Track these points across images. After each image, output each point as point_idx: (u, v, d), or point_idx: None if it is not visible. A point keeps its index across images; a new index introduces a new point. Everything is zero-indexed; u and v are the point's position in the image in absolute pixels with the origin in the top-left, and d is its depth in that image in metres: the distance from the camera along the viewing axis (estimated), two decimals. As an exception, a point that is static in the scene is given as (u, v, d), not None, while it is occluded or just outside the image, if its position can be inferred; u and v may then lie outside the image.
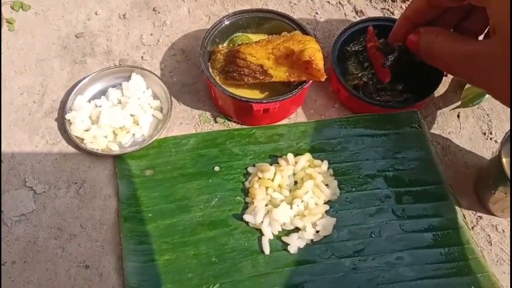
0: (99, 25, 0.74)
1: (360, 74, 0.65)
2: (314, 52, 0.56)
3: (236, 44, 0.65)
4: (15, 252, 0.56)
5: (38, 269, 0.55)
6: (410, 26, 0.54)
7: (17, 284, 0.54)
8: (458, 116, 0.68)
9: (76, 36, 0.73)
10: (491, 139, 0.66)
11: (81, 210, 0.59)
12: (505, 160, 0.55)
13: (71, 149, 0.63)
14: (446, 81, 0.71)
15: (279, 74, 0.59)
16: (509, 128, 0.57)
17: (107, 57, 0.71)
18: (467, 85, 0.68)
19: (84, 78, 0.66)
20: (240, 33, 0.68)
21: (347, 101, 0.67)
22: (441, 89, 0.70)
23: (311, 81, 0.60)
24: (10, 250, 0.56)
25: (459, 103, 0.67)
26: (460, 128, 0.67)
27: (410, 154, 0.63)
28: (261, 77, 0.60)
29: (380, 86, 0.64)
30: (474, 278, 0.54)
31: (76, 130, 0.62)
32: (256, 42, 0.62)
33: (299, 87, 0.60)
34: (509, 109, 0.69)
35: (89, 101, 0.65)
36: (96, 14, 0.75)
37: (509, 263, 0.57)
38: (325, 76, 0.57)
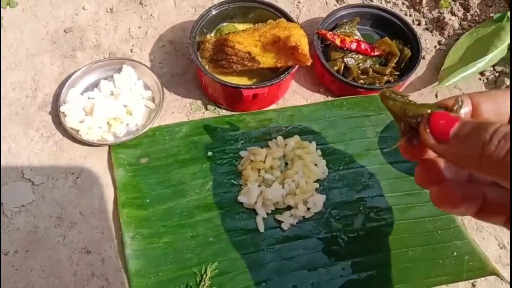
0: (87, 19, 0.76)
1: (342, 59, 0.68)
2: (300, 38, 0.58)
3: (224, 34, 0.67)
4: (17, 241, 0.57)
5: (40, 257, 0.57)
6: None
7: (21, 272, 0.56)
8: (436, 96, 0.72)
9: (64, 31, 0.74)
10: (467, 116, 0.70)
11: (80, 199, 0.60)
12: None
13: (66, 141, 0.64)
14: (424, 63, 0.75)
15: (267, 60, 0.62)
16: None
17: (97, 51, 0.73)
18: (444, 66, 0.72)
19: (75, 72, 0.68)
20: (227, 23, 0.70)
21: (332, 85, 0.70)
22: (419, 71, 0.74)
23: (297, 66, 0.62)
24: (12, 240, 0.57)
25: (436, 83, 0.71)
26: (439, 107, 0.71)
27: (393, 133, 0.66)
28: (249, 64, 0.62)
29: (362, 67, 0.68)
30: (456, 245, 0.58)
31: (71, 122, 0.63)
32: (243, 30, 0.64)
33: (286, 72, 0.62)
34: (484, 86, 0.73)
35: (82, 93, 0.67)
36: (83, 8, 0.76)
37: (489, 231, 0.61)
38: (311, 60, 0.60)
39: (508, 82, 0.72)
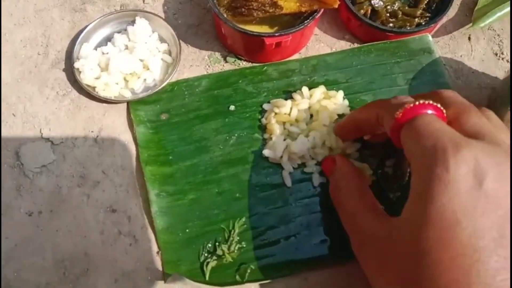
0: (94, -30, 0.71)
1: (369, 1, 0.64)
2: (326, -23, 0.54)
3: (242, -22, 0.62)
4: (40, 202, 0.57)
5: (65, 217, 0.56)
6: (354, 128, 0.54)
7: (47, 232, 0.55)
8: (469, 38, 0.68)
9: (72, -17, 0.70)
10: (502, 59, 0.66)
11: (102, 157, 0.59)
12: (521, 76, 0.55)
13: (83, 98, 0.62)
14: (455, 4, 0.70)
15: (290, 5, 0.58)
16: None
17: (107, 3, 0.69)
18: (477, 6, 0.67)
19: (87, 26, 0.64)
20: (244, -33, 0.65)
21: (358, 30, 0.66)
22: (451, 13, 0.69)
23: (322, 10, 0.58)
24: (35, 201, 0.57)
25: (470, 25, 0.66)
26: (472, 50, 0.67)
27: (424, 79, 0.63)
28: (271, 10, 0.58)
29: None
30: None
31: (86, 78, 0.61)
32: (263, -27, 0.60)
33: (310, 17, 0.58)
34: (520, 29, 0.69)
35: (95, 48, 0.64)
36: (90, -42, 0.72)
37: None
38: (338, 2, 0.56)
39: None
